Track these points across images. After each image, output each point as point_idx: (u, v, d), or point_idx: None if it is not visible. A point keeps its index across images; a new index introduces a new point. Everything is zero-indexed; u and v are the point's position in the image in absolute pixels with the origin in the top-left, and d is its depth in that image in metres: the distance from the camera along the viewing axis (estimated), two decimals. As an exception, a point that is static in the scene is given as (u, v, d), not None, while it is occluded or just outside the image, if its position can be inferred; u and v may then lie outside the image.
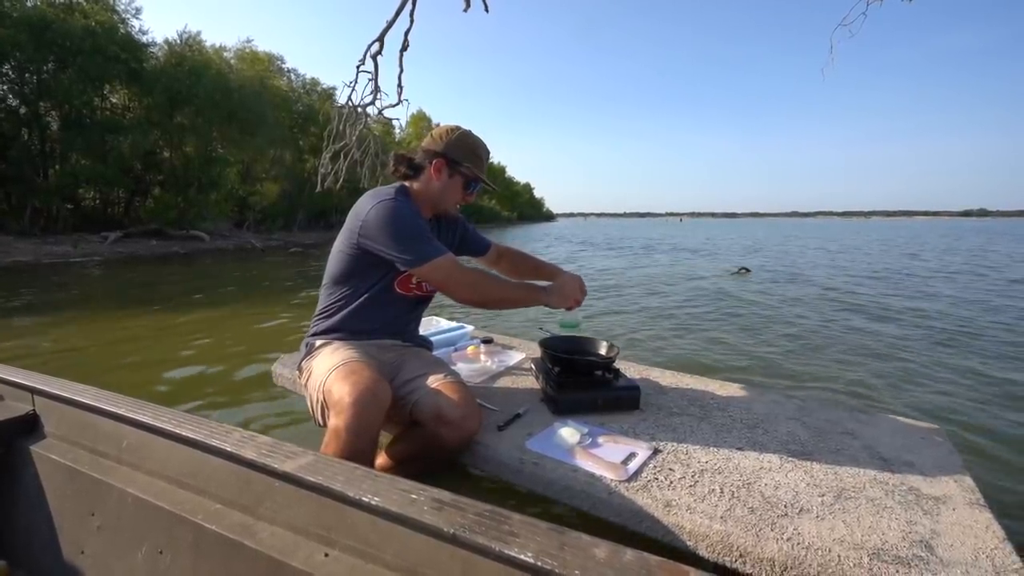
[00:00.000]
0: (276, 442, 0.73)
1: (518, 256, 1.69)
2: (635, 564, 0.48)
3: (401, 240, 1.21)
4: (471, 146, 1.37)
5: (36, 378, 0.98)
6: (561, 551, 0.50)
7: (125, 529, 0.80)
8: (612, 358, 1.46)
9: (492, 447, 1.20)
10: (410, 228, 1.23)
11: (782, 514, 0.92)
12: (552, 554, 0.49)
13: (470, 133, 1.39)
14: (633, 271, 8.68)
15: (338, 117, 4.90)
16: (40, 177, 13.26)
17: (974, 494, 0.99)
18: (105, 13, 13.66)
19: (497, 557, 0.51)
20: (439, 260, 1.23)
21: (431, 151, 1.35)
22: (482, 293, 1.29)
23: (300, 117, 21.29)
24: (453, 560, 0.55)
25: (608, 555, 0.49)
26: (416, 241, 1.23)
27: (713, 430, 1.27)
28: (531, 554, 0.50)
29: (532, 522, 0.54)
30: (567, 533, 0.52)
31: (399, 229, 1.21)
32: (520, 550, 0.50)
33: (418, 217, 1.28)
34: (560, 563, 0.48)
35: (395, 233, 1.21)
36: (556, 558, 0.49)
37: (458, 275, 1.26)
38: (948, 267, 9.21)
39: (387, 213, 1.22)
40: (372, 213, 1.23)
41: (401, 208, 1.24)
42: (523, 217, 77.59)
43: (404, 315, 1.43)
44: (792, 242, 19.15)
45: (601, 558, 0.49)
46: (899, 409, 2.29)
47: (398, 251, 1.22)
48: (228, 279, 7.81)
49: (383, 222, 1.22)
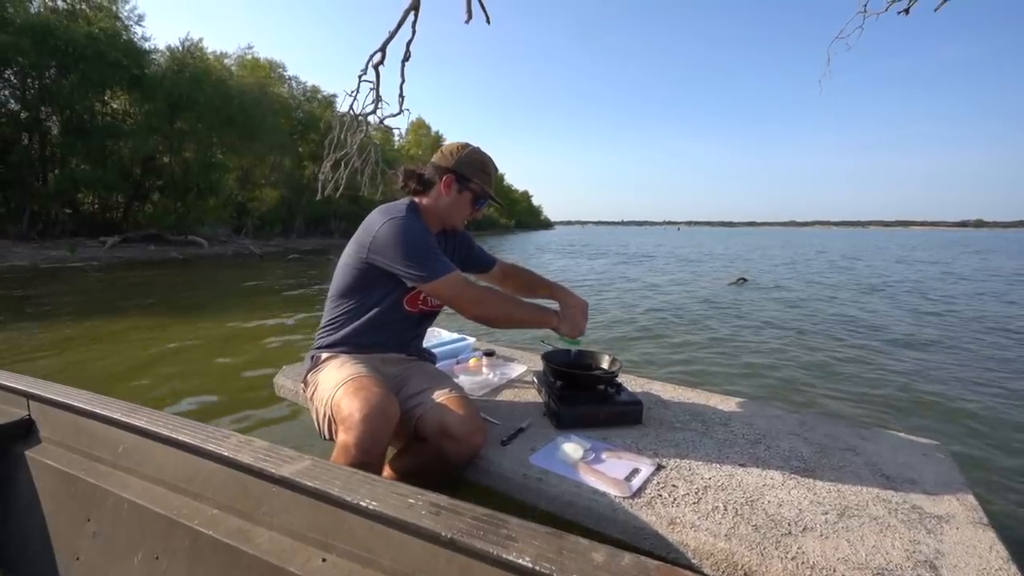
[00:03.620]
0: (273, 447, 0.73)
1: (524, 274, 1.68)
2: (632, 568, 0.48)
3: (411, 257, 1.22)
4: (480, 163, 1.40)
5: (31, 383, 0.97)
6: (559, 555, 0.50)
7: (121, 535, 0.80)
8: (615, 372, 1.46)
9: (496, 462, 1.20)
10: (420, 245, 1.24)
11: (786, 532, 0.92)
12: (550, 558, 0.49)
13: (479, 150, 1.41)
14: (631, 280, 8.70)
15: (339, 126, 4.92)
16: (39, 182, 13.25)
17: (977, 512, 1.00)
18: (108, 20, 13.75)
19: (495, 562, 0.51)
20: (450, 276, 1.24)
21: (442, 167, 1.36)
22: (492, 310, 1.30)
23: (300, 124, 21.37)
24: (451, 565, 0.55)
25: (606, 559, 0.49)
26: (426, 258, 1.23)
27: (715, 445, 1.27)
28: (529, 558, 0.49)
29: (530, 526, 0.54)
30: (565, 537, 0.52)
31: (410, 246, 1.22)
32: (518, 554, 0.50)
33: (427, 234, 1.29)
34: (558, 567, 0.48)
35: (406, 251, 1.22)
36: (554, 562, 0.49)
37: (468, 292, 1.27)
38: (951, 277, 9.26)
39: (398, 230, 1.23)
40: (383, 230, 1.24)
41: (412, 225, 1.25)
42: (521, 225, 77.70)
43: (410, 330, 1.43)
44: (790, 251, 19.24)
45: (599, 562, 0.49)
46: (900, 423, 2.30)
47: (408, 268, 1.22)
48: (226, 285, 7.80)
49: (394, 239, 1.23)
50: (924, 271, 10.82)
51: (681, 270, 10.72)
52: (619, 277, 9.19)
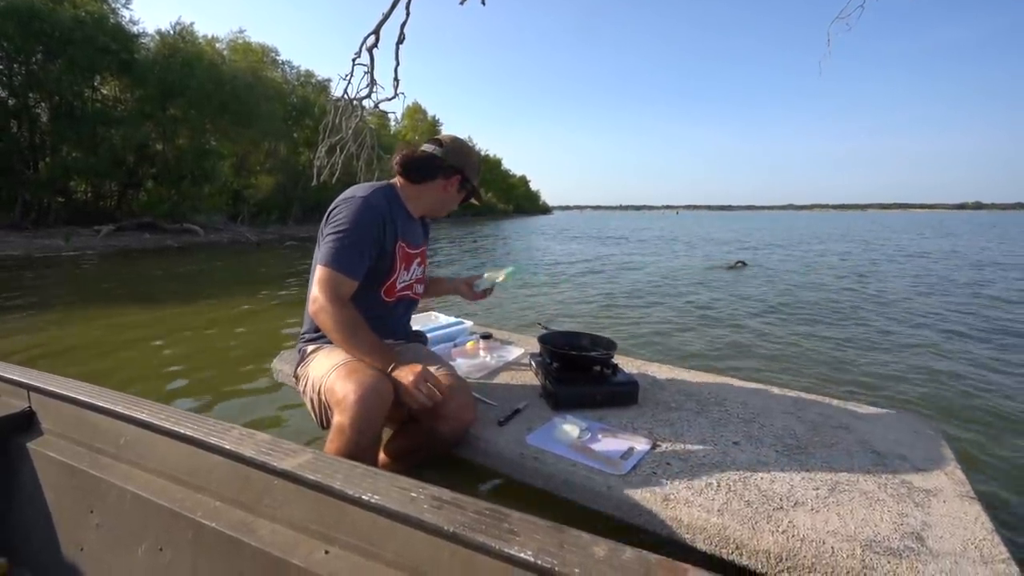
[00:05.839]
0: (275, 439, 0.73)
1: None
2: (634, 562, 0.48)
3: (333, 234, 1.22)
4: (477, 164, 1.44)
5: (32, 375, 0.97)
6: (561, 549, 0.50)
7: (124, 526, 0.81)
8: (610, 354, 1.47)
9: (493, 442, 1.21)
10: (351, 234, 1.21)
11: (777, 507, 0.94)
12: (552, 552, 0.50)
13: (475, 149, 1.47)
14: (630, 264, 8.70)
15: (334, 110, 4.85)
16: (30, 170, 13.09)
17: (964, 486, 1.02)
18: (95, 3, 13.43)
19: (497, 555, 0.52)
20: (334, 272, 1.19)
21: (450, 165, 1.37)
22: (331, 324, 1.17)
23: (294, 109, 21.06)
24: (454, 558, 0.56)
25: (607, 553, 0.50)
26: (341, 245, 1.20)
27: (710, 424, 1.29)
28: (531, 552, 0.50)
29: (532, 520, 0.55)
30: (567, 531, 0.53)
31: (343, 229, 1.21)
32: (520, 548, 0.51)
33: (369, 227, 1.24)
34: (560, 561, 0.49)
35: (334, 227, 1.23)
36: (556, 556, 0.49)
37: (327, 295, 1.18)
38: (947, 258, 9.28)
39: (349, 210, 1.24)
40: (341, 207, 1.26)
41: (365, 212, 1.23)
42: (519, 210, 77.27)
43: (394, 318, 1.44)
44: (789, 234, 19.22)
45: (600, 556, 0.49)
46: (892, 401, 2.33)
47: (323, 240, 1.24)
48: (223, 273, 7.77)
49: (339, 215, 1.24)
50: (925, 253, 10.85)
51: (681, 254, 10.72)
52: (616, 259, 9.19)
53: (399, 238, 1.33)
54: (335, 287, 1.19)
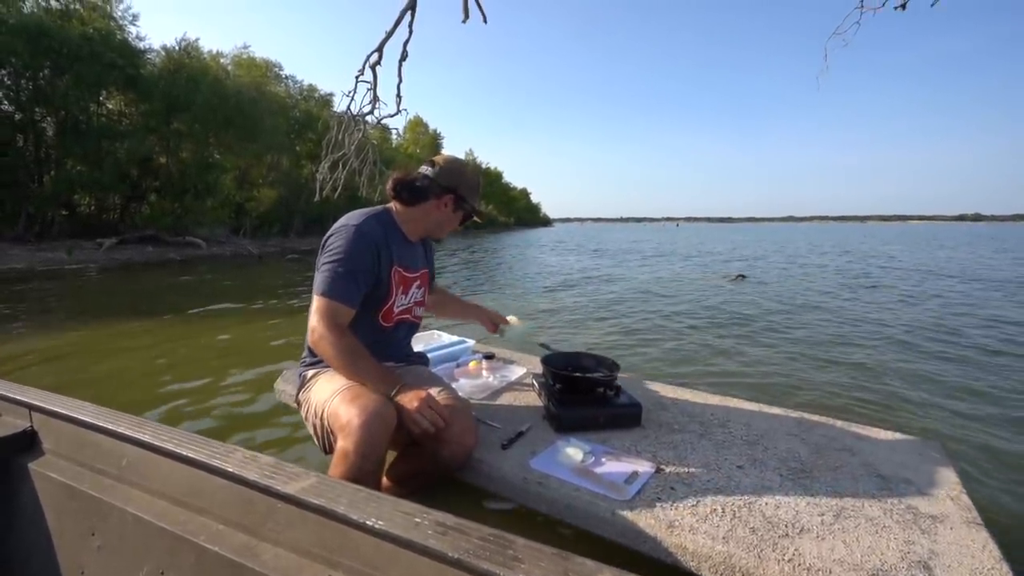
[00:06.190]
0: (279, 463, 0.73)
1: (448, 296, 1.80)
2: None
3: (328, 263, 1.24)
4: (476, 184, 1.44)
5: (34, 394, 0.97)
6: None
7: (126, 549, 0.80)
8: (614, 375, 1.47)
9: (497, 466, 1.21)
10: (345, 262, 1.23)
11: (783, 534, 0.94)
12: None
13: (475, 170, 1.48)
14: (630, 277, 8.71)
15: (337, 126, 4.91)
16: (35, 183, 13.19)
17: (971, 512, 1.01)
18: (102, 20, 13.67)
19: None
20: (332, 302, 1.21)
21: (442, 185, 1.37)
22: (327, 352, 1.19)
23: (297, 123, 21.29)
24: None
25: None
26: (336, 274, 1.22)
27: (714, 447, 1.29)
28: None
29: (537, 547, 0.54)
30: (571, 558, 0.53)
31: (337, 258, 1.24)
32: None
33: (363, 255, 1.26)
34: None
35: (329, 255, 1.25)
36: None
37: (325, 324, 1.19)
38: (943, 270, 9.29)
39: (343, 239, 1.25)
40: (335, 235, 1.28)
41: (358, 240, 1.25)
42: (520, 222, 77.59)
43: (394, 342, 1.44)
44: (788, 247, 19.26)
45: None
46: (896, 422, 2.32)
47: (318, 270, 1.26)
48: (225, 287, 7.79)
49: (333, 244, 1.26)
50: (931, 265, 10.86)
51: (680, 266, 10.73)
52: (614, 274, 9.20)
53: (395, 263, 1.34)
54: (332, 316, 1.21)
